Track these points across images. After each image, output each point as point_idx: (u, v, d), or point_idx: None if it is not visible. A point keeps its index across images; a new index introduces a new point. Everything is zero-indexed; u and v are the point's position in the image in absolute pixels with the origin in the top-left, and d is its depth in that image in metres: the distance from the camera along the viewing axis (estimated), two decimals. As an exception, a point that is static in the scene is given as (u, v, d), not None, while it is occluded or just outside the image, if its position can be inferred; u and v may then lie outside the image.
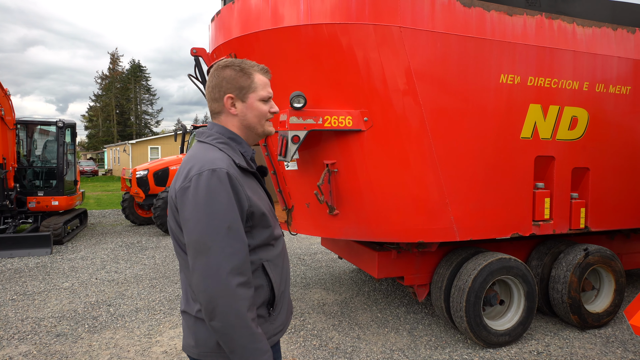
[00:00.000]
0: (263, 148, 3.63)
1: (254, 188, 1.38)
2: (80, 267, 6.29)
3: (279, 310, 1.42)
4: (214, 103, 1.41)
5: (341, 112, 3.19)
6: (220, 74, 1.38)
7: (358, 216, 3.39)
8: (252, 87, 1.38)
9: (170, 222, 1.36)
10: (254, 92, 1.38)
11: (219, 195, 1.22)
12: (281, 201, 3.80)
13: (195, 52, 4.03)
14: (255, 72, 1.39)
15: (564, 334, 3.87)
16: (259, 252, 1.36)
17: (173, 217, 1.34)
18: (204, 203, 1.22)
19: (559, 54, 3.55)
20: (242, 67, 1.38)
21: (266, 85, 1.41)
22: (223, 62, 1.40)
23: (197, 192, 1.22)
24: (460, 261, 3.77)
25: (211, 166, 1.25)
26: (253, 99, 1.39)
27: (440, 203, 3.35)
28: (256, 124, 1.41)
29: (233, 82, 1.37)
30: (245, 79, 1.37)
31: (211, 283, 1.20)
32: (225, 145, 1.36)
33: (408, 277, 3.95)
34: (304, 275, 5.83)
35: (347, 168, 3.31)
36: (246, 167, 1.36)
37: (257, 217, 1.33)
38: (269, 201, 1.47)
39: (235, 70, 1.37)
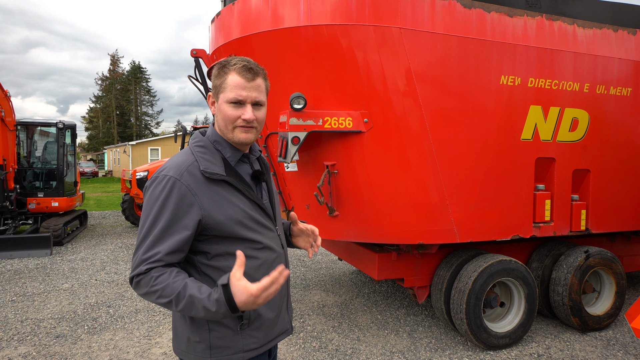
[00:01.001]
0: (263, 149, 3.62)
1: (221, 196, 1.28)
2: (80, 268, 6.29)
3: (256, 326, 1.33)
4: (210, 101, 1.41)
5: (341, 113, 3.19)
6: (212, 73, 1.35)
7: (358, 218, 3.39)
8: (222, 87, 1.30)
9: None
10: (222, 93, 1.30)
11: (158, 200, 1.25)
12: (281, 203, 3.79)
13: (195, 54, 4.03)
14: (231, 71, 1.29)
15: (565, 337, 3.85)
16: (229, 259, 1.29)
17: None
18: (147, 204, 1.28)
19: (560, 55, 3.55)
20: (223, 64, 1.32)
21: (236, 86, 1.28)
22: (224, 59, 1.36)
23: (146, 192, 1.30)
24: (460, 263, 3.76)
25: (166, 172, 1.28)
26: (222, 100, 1.31)
27: (440, 204, 3.34)
28: (223, 127, 1.33)
29: (214, 81, 1.34)
30: (219, 77, 1.31)
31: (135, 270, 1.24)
32: (202, 148, 1.33)
33: (408, 278, 3.93)
34: (303, 276, 5.81)
35: (347, 169, 3.31)
36: (210, 175, 1.27)
37: (215, 227, 1.27)
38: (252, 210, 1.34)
39: (217, 68, 1.32)
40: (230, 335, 1.30)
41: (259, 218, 1.36)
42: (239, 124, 1.31)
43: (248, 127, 1.32)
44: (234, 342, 1.30)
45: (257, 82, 1.31)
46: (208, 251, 1.30)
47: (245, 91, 1.29)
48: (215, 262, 1.30)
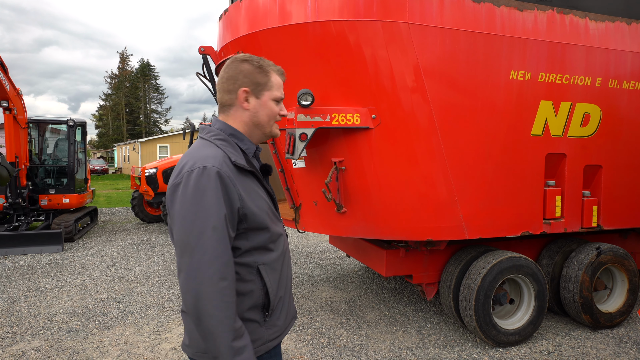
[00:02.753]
0: (271, 146, 3.63)
1: (251, 188, 1.32)
2: (90, 264, 6.38)
3: (277, 315, 1.38)
4: (225, 95, 1.37)
5: (349, 109, 3.17)
6: (237, 67, 1.36)
7: (366, 214, 3.38)
8: (268, 85, 1.37)
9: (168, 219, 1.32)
10: (269, 91, 1.38)
11: (206, 194, 1.19)
12: (289, 199, 3.80)
13: (203, 51, 4.04)
14: (272, 71, 1.39)
15: (576, 334, 3.81)
16: (254, 254, 1.32)
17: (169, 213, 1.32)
18: (191, 201, 1.19)
19: (571, 50, 3.49)
20: (260, 64, 1.37)
21: (281, 86, 1.41)
22: (241, 56, 1.38)
23: (185, 190, 1.20)
24: (469, 260, 3.73)
25: (203, 163, 1.22)
26: (267, 97, 1.38)
27: (449, 201, 3.32)
28: (266, 123, 1.39)
29: (250, 77, 1.35)
30: (263, 76, 1.37)
31: (193, 285, 1.17)
32: (224, 141, 1.33)
33: (416, 275, 3.92)
34: (311, 273, 5.83)
35: (355, 166, 3.30)
36: (242, 166, 1.30)
37: (251, 218, 1.29)
38: (269, 201, 1.41)
39: (253, 66, 1.36)
40: (256, 328, 1.33)
41: (273, 209, 1.42)
42: (278, 119, 1.44)
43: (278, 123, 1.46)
44: (261, 334, 1.34)
45: None
46: (239, 247, 1.29)
47: (283, 91, 1.44)
48: (242, 259, 1.30)
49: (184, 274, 1.19)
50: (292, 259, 6.64)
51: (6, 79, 7.17)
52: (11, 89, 7.38)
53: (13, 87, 7.48)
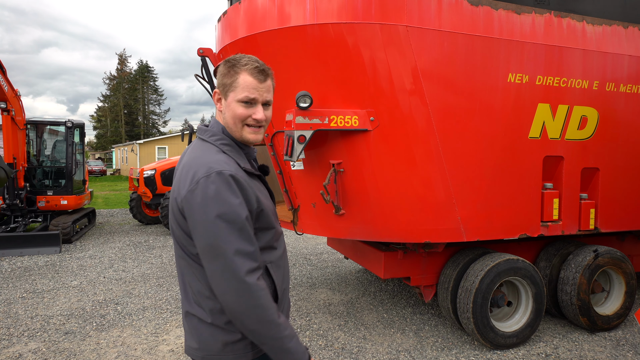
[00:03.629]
0: (269, 148, 3.63)
1: (260, 189, 1.38)
2: (88, 266, 6.36)
3: (281, 308, 1.41)
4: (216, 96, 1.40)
5: (347, 111, 3.18)
6: (219, 69, 1.37)
7: (364, 216, 3.38)
8: (232, 86, 1.31)
9: (173, 226, 1.34)
10: (233, 92, 1.32)
11: (228, 197, 1.20)
12: (287, 201, 3.80)
13: (202, 53, 4.05)
14: (243, 70, 1.31)
15: (573, 337, 3.82)
16: (263, 254, 1.35)
17: (176, 222, 1.30)
18: (213, 206, 1.19)
19: (568, 53, 3.51)
20: (233, 63, 1.32)
21: (248, 86, 1.30)
22: (229, 57, 1.36)
23: (205, 195, 1.20)
24: (467, 262, 3.74)
25: (218, 168, 1.22)
26: (231, 99, 1.32)
27: (447, 203, 3.33)
28: (232, 125, 1.34)
29: (220, 78, 1.34)
30: (230, 76, 1.32)
31: (232, 286, 1.19)
32: (229, 147, 1.34)
33: (414, 277, 3.92)
34: (310, 275, 5.82)
35: (353, 168, 3.30)
36: (251, 171, 1.34)
37: (262, 219, 1.33)
38: (272, 201, 1.46)
39: (226, 66, 1.33)
40: None
41: (274, 209, 1.45)
42: (250, 123, 1.34)
43: (257, 128, 1.37)
44: None
45: (268, 83, 1.34)
46: None
47: (257, 92, 1.32)
48: None
49: (220, 277, 1.20)
50: (290, 261, 6.64)
51: (4, 80, 7.17)
52: (9, 90, 7.37)
53: (11, 88, 7.47)
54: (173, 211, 1.31)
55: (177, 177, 1.32)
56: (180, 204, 1.25)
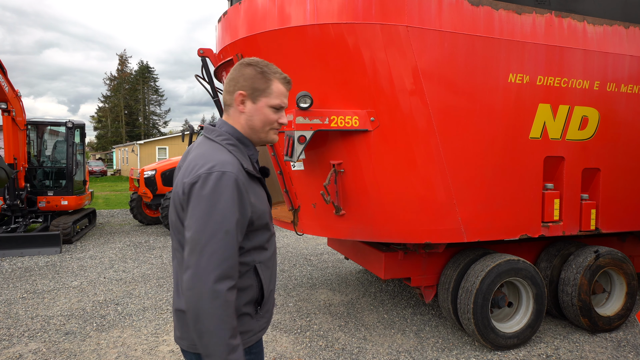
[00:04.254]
0: (269, 148, 3.63)
1: (258, 192, 1.40)
2: (88, 266, 6.36)
3: (266, 309, 1.46)
4: (227, 95, 1.43)
5: (348, 112, 3.18)
6: (240, 70, 1.39)
7: (364, 216, 3.38)
8: (266, 92, 1.38)
9: (172, 215, 1.37)
10: (266, 97, 1.38)
11: (223, 198, 1.23)
12: (287, 201, 3.80)
13: (202, 53, 4.04)
14: (275, 78, 1.39)
15: (574, 337, 3.81)
16: (253, 253, 1.38)
17: (175, 210, 1.35)
18: (207, 202, 1.22)
19: (569, 53, 3.50)
20: (264, 69, 1.38)
21: (281, 94, 1.40)
22: (248, 60, 1.41)
23: (202, 190, 1.23)
24: (467, 262, 3.73)
25: (221, 168, 1.26)
26: (264, 103, 1.39)
27: (447, 204, 3.32)
28: (260, 128, 1.41)
29: (249, 81, 1.38)
30: (263, 82, 1.38)
31: (198, 284, 1.20)
32: (235, 147, 1.37)
33: (415, 278, 3.92)
34: (310, 275, 5.82)
35: (353, 168, 3.30)
36: (253, 173, 1.38)
37: (257, 222, 1.36)
38: (268, 203, 1.49)
39: (256, 71, 1.38)
40: (249, 321, 1.40)
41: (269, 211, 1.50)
42: (275, 127, 1.45)
43: (279, 130, 1.48)
44: (252, 326, 1.41)
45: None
46: (242, 246, 1.34)
47: (286, 100, 1.43)
48: (242, 258, 1.35)
49: (192, 271, 1.21)
50: (290, 261, 6.63)
51: (5, 80, 7.17)
52: (10, 90, 7.37)
53: (12, 89, 7.48)
54: (175, 202, 1.35)
55: (182, 171, 1.35)
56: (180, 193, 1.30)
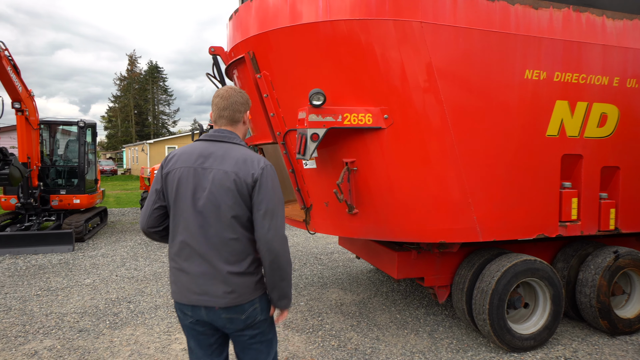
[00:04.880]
0: (281, 146, 3.61)
1: None
2: (101, 264, 6.41)
3: None
4: (238, 114, 1.89)
5: (361, 109, 3.14)
6: (243, 96, 1.93)
7: (378, 215, 3.34)
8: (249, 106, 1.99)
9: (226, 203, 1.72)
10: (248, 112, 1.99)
11: (276, 181, 1.82)
12: (299, 200, 3.77)
13: (214, 51, 4.03)
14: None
15: (593, 340, 3.72)
16: None
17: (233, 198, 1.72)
18: (272, 185, 1.77)
19: (588, 48, 3.42)
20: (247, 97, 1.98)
21: None
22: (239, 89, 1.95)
23: (268, 176, 1.77)
24: (482, 262, 3.67)
25: (266, 162, 1.81)
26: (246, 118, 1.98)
27: (462, 202, 3.26)
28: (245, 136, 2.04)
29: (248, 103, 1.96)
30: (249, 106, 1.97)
31: (279, 235, 1.75)
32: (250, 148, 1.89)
33: (428, 278, 3.87)
34: (321, 274, 5.79)
35: (366, 166, 3.26)
36: None
37: None
38: None
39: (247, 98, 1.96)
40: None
41: None
42: None
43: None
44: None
45: None
46: None
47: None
48: None
49: (275, 229, 1.74)
50: (300, 260, 6.62)
51: (18, 80, 7.26)
52: (23, 90, 7.46)
53: (25, 89, 7.57)
54: (228, 189, 1.72)
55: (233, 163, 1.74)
56: (251, 180, 1.73)
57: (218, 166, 1.73)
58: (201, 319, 1.78)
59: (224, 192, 1.69)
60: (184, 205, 1.74)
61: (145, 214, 1.84)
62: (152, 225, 1.84)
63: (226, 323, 1.77)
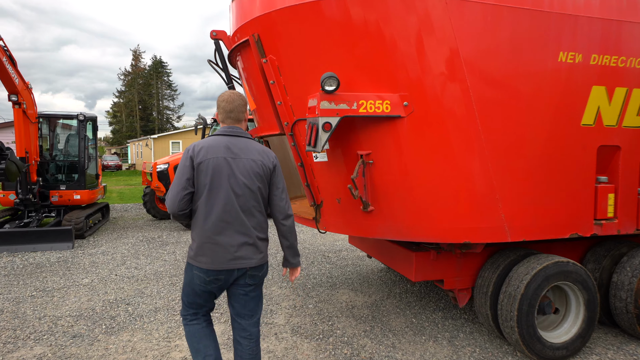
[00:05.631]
0: (289, 138, 3.30)
1: None
2: (100, 263, 6.17)
3: None
4: (241, 114, 2.32)
5: (378, 96, 2.83)
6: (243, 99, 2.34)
7: (395, 213, 3.03)
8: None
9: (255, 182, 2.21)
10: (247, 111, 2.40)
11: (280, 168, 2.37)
12: (309, 196, 3.47)
13: (215, 35, 3.73)
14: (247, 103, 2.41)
15: (629, 348, 3.41)
16: None
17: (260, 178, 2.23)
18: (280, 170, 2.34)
19: (628, 28, 3.08)
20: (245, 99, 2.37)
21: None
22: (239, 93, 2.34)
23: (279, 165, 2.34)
24: (508, 264, 3.36)
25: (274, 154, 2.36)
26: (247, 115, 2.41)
27: (489, 199, 2.95)
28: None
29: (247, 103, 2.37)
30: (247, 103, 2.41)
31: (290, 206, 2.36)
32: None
33: (448, 280, 3.57)
34: (329, 274, 5.51)
35: (383, 159, 2.95)
36: None
37: None
38: None
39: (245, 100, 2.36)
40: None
41: None
42: None
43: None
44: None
45: None
46: None
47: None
48: None
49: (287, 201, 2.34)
50: (307, 258, 6.34)
51: (15, 72, 7.00)
52: (20, 82, 7.20)
53: (22, 81, 7.31)
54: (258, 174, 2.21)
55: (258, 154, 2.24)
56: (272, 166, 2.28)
57: (245, 155, 2.18)
58: (226, 279, 2.20)
59: (254, 175, 2.18)
60: (220, 188, 2.12)
61: (175, 200, 2.12)
62: (183, 209, 2.15)
63: (248, 279, 2.24)
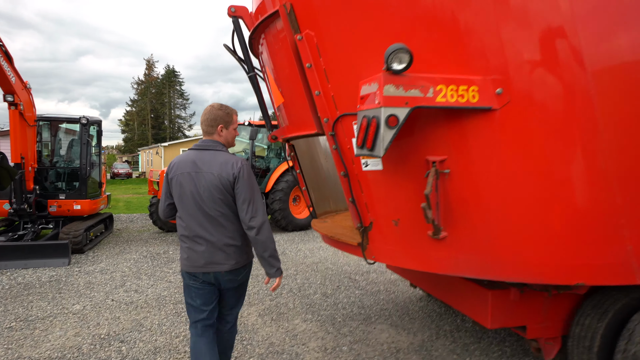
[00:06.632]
0: (329, 138, 2.51)
1: None
2: (97, 283, 5.42)
3: None
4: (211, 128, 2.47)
5: (459, 79, 2.03)
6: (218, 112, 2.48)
7: (479, 242, 2.21)
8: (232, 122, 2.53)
9: (215, 197, 2.34)
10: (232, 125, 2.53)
11: (251, 173, 2.42)
12: (354, 216, 2.65)
13: (234, 12, 3.00)
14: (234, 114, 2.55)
15: None
16: None
17: (222, 191, 2.34)
18: (247, 179, 2.38)
19: None
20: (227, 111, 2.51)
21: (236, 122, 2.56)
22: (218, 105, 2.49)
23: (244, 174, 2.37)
24: (619, 309, 2.50)
25: (243, 161, 2.42)
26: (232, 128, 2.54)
27: (609, 225, 2.12)
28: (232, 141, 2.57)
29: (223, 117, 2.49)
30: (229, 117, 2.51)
31: (263, 218, 2.39)
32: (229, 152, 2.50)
33: (532, 327, 2.73)
34: (360, 303, 4.67)
35: (464, 168, 2.14)
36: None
37: None
38: None
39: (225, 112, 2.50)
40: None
41: None
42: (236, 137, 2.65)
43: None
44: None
45: None
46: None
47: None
48: None
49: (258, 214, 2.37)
50: (332, 282, 5.50)
51: (11, 70, 6.39)
52: (17, 81, 6.59)
53: (20, 80, 6.70)
54: (217, 186, 2.34)
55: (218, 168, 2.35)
56: (232, 178, 2.34)
57: (207, 169, 2.35)
58: (209, 281, 2.42)
59: (212, 188, 2.33)
60: (188, 202, 2.37)
61: (161, 208, 2.52)
62: (168, 216, 2.54)
63: (225, 283, 2.45)
